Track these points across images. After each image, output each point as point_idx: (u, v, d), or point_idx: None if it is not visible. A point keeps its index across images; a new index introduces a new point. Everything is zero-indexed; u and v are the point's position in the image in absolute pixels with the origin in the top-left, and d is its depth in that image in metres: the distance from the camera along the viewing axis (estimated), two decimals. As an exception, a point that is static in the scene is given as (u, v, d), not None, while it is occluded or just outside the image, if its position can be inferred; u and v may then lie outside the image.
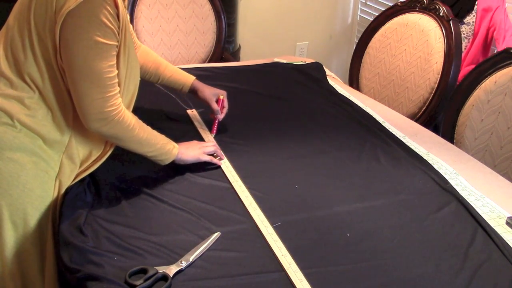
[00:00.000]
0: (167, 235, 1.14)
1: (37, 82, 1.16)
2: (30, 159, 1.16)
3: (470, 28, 2.38)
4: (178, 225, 1.17)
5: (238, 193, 1.29)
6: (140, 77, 1.49)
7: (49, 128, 1.18)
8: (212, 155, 1.40)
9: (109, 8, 1.09)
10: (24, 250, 1.19)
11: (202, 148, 1.38)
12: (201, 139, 1.52)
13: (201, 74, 1.99)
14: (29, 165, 1.16)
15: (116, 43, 1.15)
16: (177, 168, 1.37)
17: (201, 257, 1.08)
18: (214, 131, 1.56)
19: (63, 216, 1.15)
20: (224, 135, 1.53)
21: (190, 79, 1.58)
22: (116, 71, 1.17)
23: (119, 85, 1.20)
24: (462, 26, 2.37)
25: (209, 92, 1.57)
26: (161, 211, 1.22)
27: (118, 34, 1.14)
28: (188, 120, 1.65)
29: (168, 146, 1.30)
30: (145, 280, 0.98)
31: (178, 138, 1.37)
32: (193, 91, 1.58)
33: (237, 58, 3.00)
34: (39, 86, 1.16)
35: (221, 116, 1.57)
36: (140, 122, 1.26)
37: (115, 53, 1.15)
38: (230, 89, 1.90)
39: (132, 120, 1.22)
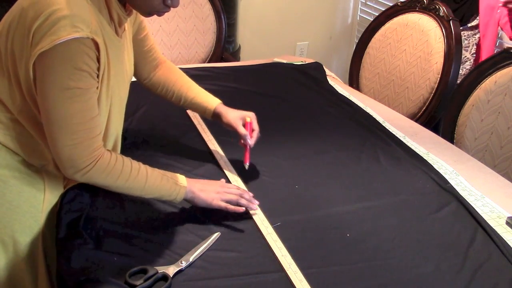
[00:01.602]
0: (167, 235, 1.14)
1: (11, 107, 1.09)
2: (12, 175, 1.11)
3: (473, 30, 2.37)
4: (178, 225, 1.17)
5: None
6: (162, 97, 1.44)
7: (29, 150, 1.13)
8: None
9: (88, 51, 0.99)
10: (15, 268, 1.15)
11: (221, 194, 1.18)
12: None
13: (201, 74, 1.99)
14: (12, 181, 1.11)
15: (94, 86, 1.05)
16: (177, 169, 1.37)
17: (201, 257, 1.08)
18: (247, 160, 1.34)
19: (61, 219, 1.15)
20: (223, 134, 1.52)
21: (213, 103, 1.39)
22: (93, 115, 1.05)
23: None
24: (465, 29, 2.36)
25: (234, 116, 1.36)
26: (161, 211, 1.21)
27: (98, 76, 1.05)
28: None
29: (171, 188, 1.15)
30: (145, 280, 0.98)
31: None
32: (217, 116, 1.39)
33: (237, 58, 3.00)
34: (12, 111, 1.09)
35: (251, 142, 1.34)
36: (130, 165, 1.12)
37: (91, 96, 1.04)
38: (230, 89, 1.90)
39: (115, 166, 1.09)
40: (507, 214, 1.26)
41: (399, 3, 2.22)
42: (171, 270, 1.02)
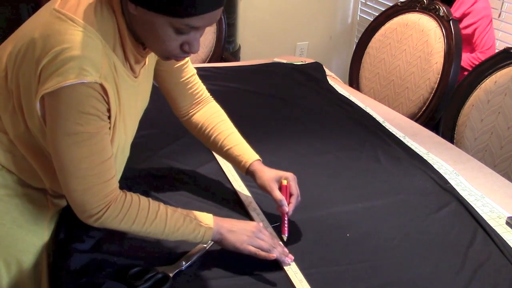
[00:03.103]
0: (167, 235, 1.14)
1: (11, 134, 1.02)
2: (15, 194, 1.07)
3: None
4: (178, 225, 1.16)
5: (238, 193, 1.29)
6: (199, 139, 1.32)
7: (28, 175, 1.07)
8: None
9: (96, 95, 0.91)
10: (19, 286, 1.11)
11: (252, 238, 1.06)
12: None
13: (201, 74, 1.98)
14: (15, 200, 1.07)
15: (104, 128, 0.96)
16: (176, 169, 1.37)
17: (201, 257, 1.07)
18: (286, 231, 1.14)
19: (61, 222, 1.15)
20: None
21: (250, 158, 1.23)
22: (104, 158, 0.96)
23: None
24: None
25: (269, 177, 1.19)
26: (161, 211, 1.21)
27: (109, 117, 0.97)
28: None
29: (195, 230, 1.04)
30: (145, 281, 0.98)
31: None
32: (251, 174, 1.23)
33: (237, 58, 3.01)
34: (13, 138, 1.02)
35: (289, 209, 1.16)
36: (147, 208, 1.02)
37: (102, 138, 0.96)
38: (230, 89, 1.90)
39: (130, 210, 1.00)
40: (507, 214, 1.26)
41: (399, 3, 2.22)
42: (171, 270, 1.02)
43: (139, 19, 0.93)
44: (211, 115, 1.28)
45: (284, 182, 1.18)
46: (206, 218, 1.06)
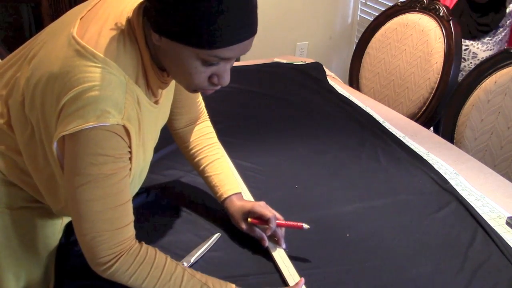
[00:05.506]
0: (167, 235, 1.14)
1: (26, 156, 0.97)
2: (26, 208, 1.04)
3: (506, 30, 2.33)
4: (178, 226, 1.17)
5: (238, 193, 1.29)
6: (182, 153, 1.27)
7: (40, 196, 1.03)
8: None
9: (116, 137, 0.86)
10: None
11: None
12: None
13: (201, 74, 1.99)
14: (26, 214, 1.04)
15: (123, 169, 0.89)
16: (176, 170, 1.37)
17: (201, 258, 1.08)
18: (299, 225, 1.13)
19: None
20: (223, 134, 1.52)
21: (225, 193, 1.18)
22: (119, 203, 0.89)
23: None
24: (498, 30, 2.31)
25: (238, 218, 1.15)
26: (161, 212, 1.21)
27: (130, 152, 0.90)
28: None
29: None
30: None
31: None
32: (226, 209, 1.18)
33: (237, 58, 3.00)
34: (29, 167, 0.98)
35: (269, 231, 1.10)
36: (162, 266, 0.93)
37: (119, 180, 0.89)
38: (230, 89, 1.89)
39: (142, 266, 0.92)
40: (507, 214, 1.26)
41: (399, 3, 2.22)
42: (171, 270, 1.02)
43: (163, 50, 0.87)
44: (200, 136, 1.24)
45: (249, 220, 1.14)
46: None
